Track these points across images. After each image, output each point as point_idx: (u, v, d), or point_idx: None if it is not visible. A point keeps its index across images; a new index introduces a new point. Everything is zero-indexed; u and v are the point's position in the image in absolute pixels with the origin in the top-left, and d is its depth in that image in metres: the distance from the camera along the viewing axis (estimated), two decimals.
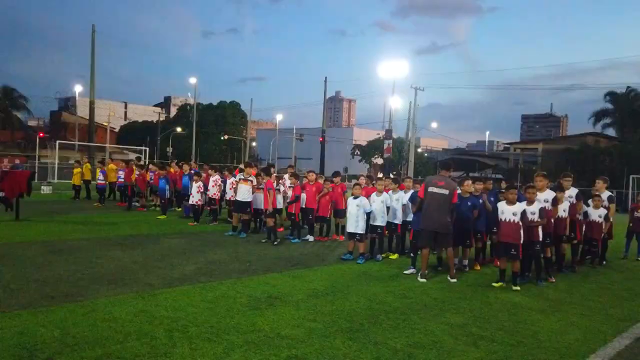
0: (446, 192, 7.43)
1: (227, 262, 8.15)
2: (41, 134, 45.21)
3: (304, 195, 11.03)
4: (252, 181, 11.04)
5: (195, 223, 12.60)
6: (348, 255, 8.84)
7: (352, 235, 8.81)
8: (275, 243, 10.06)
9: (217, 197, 12.97)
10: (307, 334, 4.84)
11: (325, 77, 45.57)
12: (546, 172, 10.43)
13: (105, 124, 68.68)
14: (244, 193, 10.92)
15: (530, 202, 7.34)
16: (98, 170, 17.45)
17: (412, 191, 9.12)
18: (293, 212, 10.99)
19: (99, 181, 16.66)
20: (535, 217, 7.23)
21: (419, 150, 58.20)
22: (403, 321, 5.42)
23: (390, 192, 9.32)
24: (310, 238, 10.95)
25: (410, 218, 9.18)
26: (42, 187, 19.92)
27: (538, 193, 7.68)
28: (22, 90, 64.36)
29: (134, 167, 15.74)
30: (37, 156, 31.35)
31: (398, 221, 9.19)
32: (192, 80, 52.35)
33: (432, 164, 54.19)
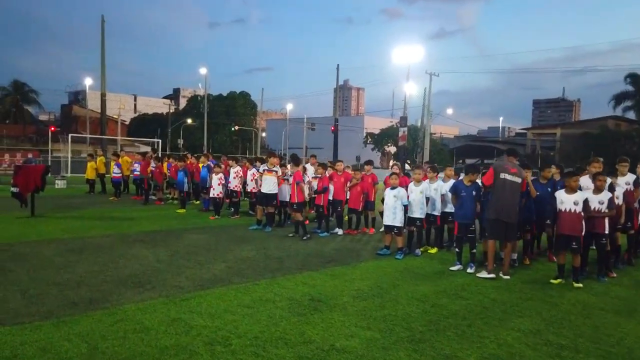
0: (519, 180, 6.84)
1: (257, 260, 7.59)
2: (52, 128, 45.06)
3: (331, 187, 10.44)
4: (277, 172, 10.44)
5: (217, 216, 12.06)
6: (385, 250, 8.24)
7: (389, 229, 8.19)
8: (305, 238, 9.49)
9: (238, 190, 12.39)
10: (366, 346, 4.25)
11: (337, 65, 44.59)
12: (564, 157, 9.92)
13: (115, 116, 68.43)
14: (270, 185, 10.33)
15: (599, 190, 6.64)
16: (113, 163, 16.98)
17: (452, 181, 8.46)
18: (321, 204, 10.39)
19: (114, 174, 16.18)
20: (604, 208, 6.54)
21: (433, 137, 57.09)
22: (468, 327, 4.82)
23: (427, 181, 8.66)
24: (340, 231, 10.36)
25: (449, 209, 8.56)
26: (56, 181, 19.54)
27: (619, 178, 7.12)
28: (32, 85, 63.85)
29: (151, 160, 15.22)
30: (49, 150, 31.05)
31: (437, 212, 8.55)
32: (203, 71, 51.55)
33: (448, 152, 53.19)
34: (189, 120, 70.04)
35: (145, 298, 5.43)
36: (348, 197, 10.56)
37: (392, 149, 57.60)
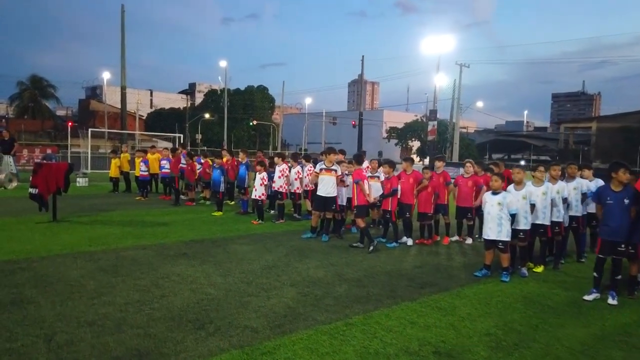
0: None
1: (332, 283, 6.10)
2: (70, 123, 44.28)
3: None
4: (336, 171, 8.94)
5: (260, 221, 10.61)
6: (485, 272, 6.68)
7: (491, 244, 6.62)
8: (372, 249, 7.98)
9: (284, 190, 10.92)
10: None
11: (362, 56, 42.92)
12: (601, 152, 8.43)
13: (133, 111, 67.64)
14: (328, 186, 8.83)
15: None
16: (138, 160, 15.64)
17: (593, 184, 6.99)
18: (389, 208, 8.87)
19: (141, 172, 14.83)
20: None
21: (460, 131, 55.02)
22: None
23: (529, 183, 7.07)
24: (409, 241, 8.82)
25: (558, 218, 7.00)
26: (78, 179, 18.30)
27: None
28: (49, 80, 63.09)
29: (181, 156, 13.84)
30: (68, 145, 30.00)
31: (547, 222, 6.96)
32: (222, 64, 50.19)
33: (475, 147, 51.14)
34: (207, 115, 68.90)
35: (213, 349, 3.98)
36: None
37: (416, 144, 55.81)
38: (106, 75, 54.66)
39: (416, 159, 52.67)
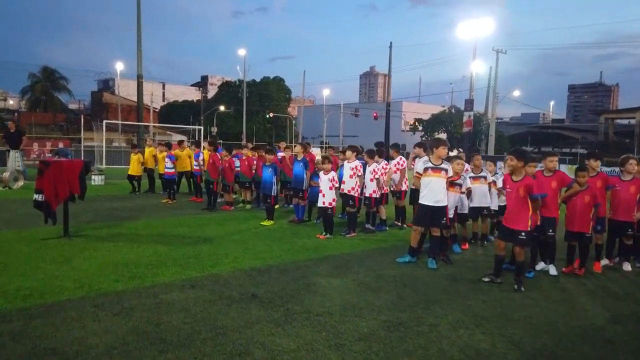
0: None
1: (497, 354, 3.69)
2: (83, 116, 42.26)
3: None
4: (446, 171, 6.50)
5: (329, 236, 8.20)
6: None
7: None
8: (517, 287, 5.56)
9: (356, 195, 8.48)
10: None
11: (391, 42, 40.20)
12: None
13: (147, 104, 65.51)
14: (437, 192, 6.39)
15: None
16: (161, 155, 13.30)
17: None
18: (528, 228, 6.38)
19: (166, 170, 12.49)
20: None
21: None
22: None
23: None
24: (552, 269, 6.34)
25: None
26: (93, 176, 16.05)
27: None
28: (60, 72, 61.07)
29: (216, 152, 11.48)
30: (81, 138, 27.87)
31: None
32: (241, 52, 47.74)
33: (508, 139, 48.27)
34: (222, 107, 66.59)
35: None
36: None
37: (443, 137, 52.93)
38: (119, 66, 52.57)
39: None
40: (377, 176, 8.68)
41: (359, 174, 8.35)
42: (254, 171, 11.21)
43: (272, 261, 6.53)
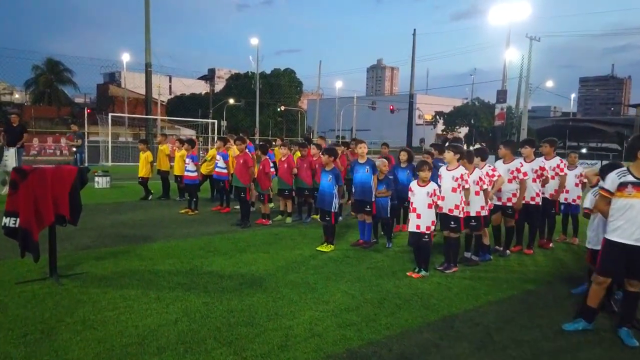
0: None
1: None
2: (88, 111, 40.06)
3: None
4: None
5: (424, 273, 5.78)
6: None
7: None
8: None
9: (461, 215, 6.02)
10: None
11: (414, 30, 37.62)
12: None
13: (154, 97, 63.20)
14: None
15: None
16: (179, 154, 10.93)
17: None
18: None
19: (187, 173, 10.09)
20: None
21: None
22: None
23: None
24: None
25: None
26: (96, 178, 13.75)
27: None
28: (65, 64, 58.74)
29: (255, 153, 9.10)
30: (86, 133, 25.60)
31: None
32: (254, 41, 45.00)
33: (536, 133, 45.50)
34: (231, 100, 64.14)
35: None
36: None
37: (464, 130, 50.25)
38: (125, 57, 50.22)
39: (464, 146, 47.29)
40: (485, 186, 6.26)
41: (466, 185, 5.92)
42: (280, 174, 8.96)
43: (368, 331, 4.13)
